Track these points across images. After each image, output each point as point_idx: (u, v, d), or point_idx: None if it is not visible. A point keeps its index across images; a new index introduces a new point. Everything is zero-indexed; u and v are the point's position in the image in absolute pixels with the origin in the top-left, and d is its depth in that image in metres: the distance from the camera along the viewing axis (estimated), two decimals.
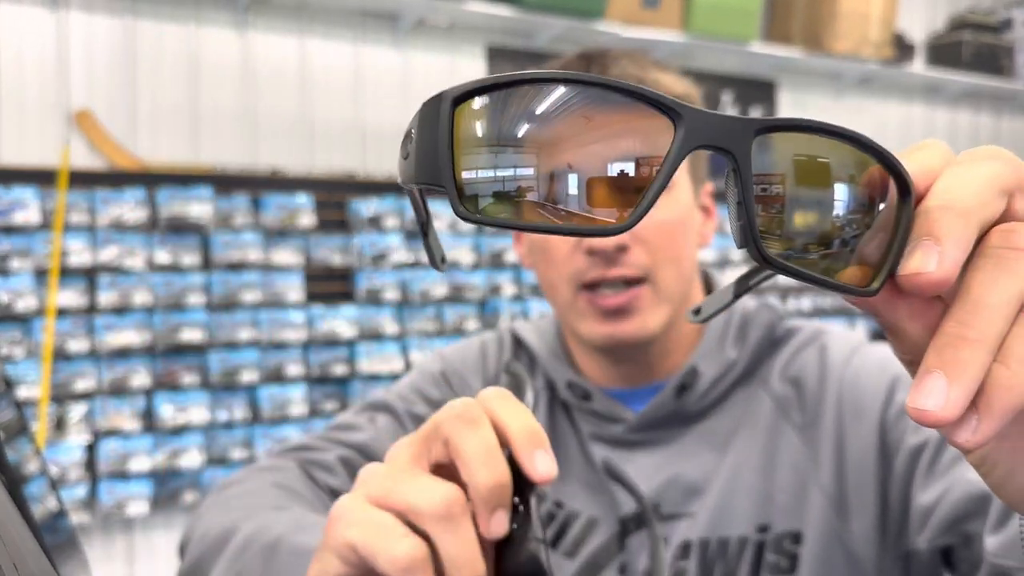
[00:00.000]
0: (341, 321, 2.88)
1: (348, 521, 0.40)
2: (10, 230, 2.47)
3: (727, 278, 0.85)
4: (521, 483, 0.42)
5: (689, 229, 0.77)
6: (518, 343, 0.91)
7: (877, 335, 4.26)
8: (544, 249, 0.76)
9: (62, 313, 2.53)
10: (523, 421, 0.41)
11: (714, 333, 0.80)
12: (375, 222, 2.94)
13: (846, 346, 0.79)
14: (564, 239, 0.73)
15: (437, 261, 0.41)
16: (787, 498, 0.75)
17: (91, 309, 2.57)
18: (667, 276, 0.74)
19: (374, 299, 2.94)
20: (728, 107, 3.84)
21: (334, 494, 0.79)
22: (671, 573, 0.75)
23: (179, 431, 2.65)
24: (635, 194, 0.31)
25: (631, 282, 0.73)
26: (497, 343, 0.92)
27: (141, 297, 2.59)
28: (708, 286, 0.86)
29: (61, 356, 2.52)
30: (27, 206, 2.46)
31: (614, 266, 0.72)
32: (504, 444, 0.41)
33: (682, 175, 0.76)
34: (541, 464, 0.41)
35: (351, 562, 0.40)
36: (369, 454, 0.83)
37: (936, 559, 0.68)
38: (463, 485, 0.40)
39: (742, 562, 0.74)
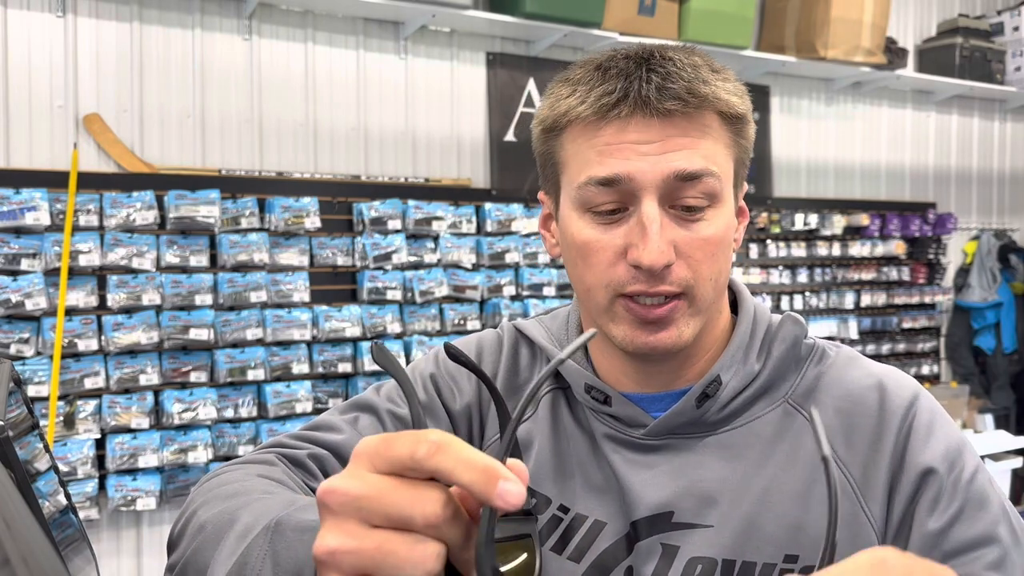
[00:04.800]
0: (345, 320, 2.93)
1: None
2: (20, 231, 2.52)
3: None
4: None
5: (730, 242, 0.75)
6: (520, 339, 0.90)
7: (866, 333, 4.32)
8: (584, 253, 0.74)
9: (71, 312, 2.58)
10: (471, 471, 0.39)
11: (739, 343, 0.79)
12: (378, 224, 3.00)
13: (906, 392, 0.77)
14: (607, 247, 0.72)
15: None
16: (822, 532, 0.72)
17: (100, 308, 2.63)
18: (704, 291, 0.73)
19: (377, 299, 3.00)
20: None
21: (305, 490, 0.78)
22: None
23: (187, 428, 2.70)
24: None
25: (670, 296, 0.72)
26: (496, 343, 0.90)
27: (149, 297, 2.64)
28: (731, 292, 0.85)
29: (71, 355, 2.57)
30: (37, 208, 2.50)
31: (657, 282, 0.71)
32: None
33: (726, 186, 0.74)
34: (509, 495, 0.39)
35: None
36: (342, 455, 0.81)
37: None
38: None
39: None
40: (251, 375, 2.77)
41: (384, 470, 0.41)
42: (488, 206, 3.24)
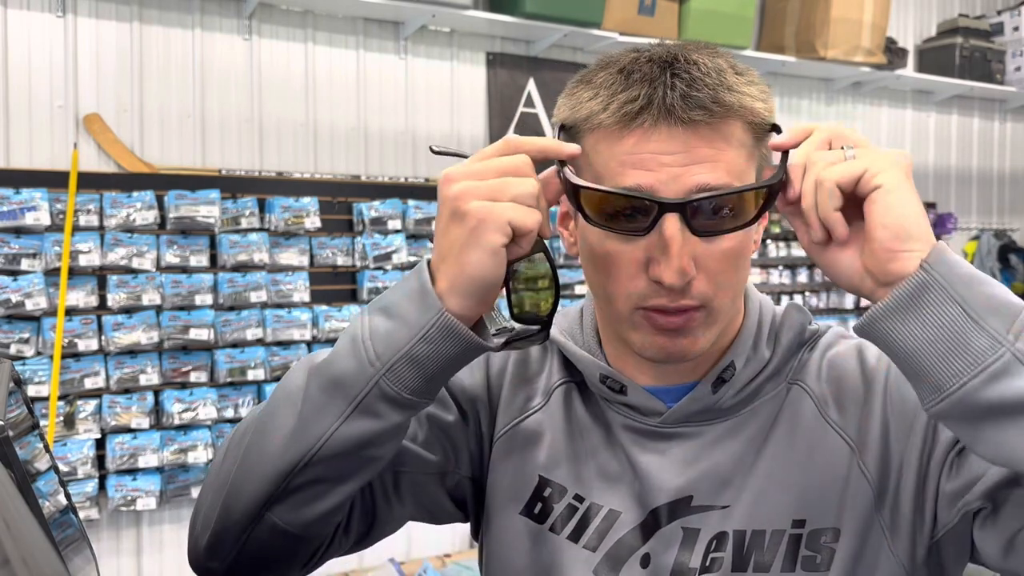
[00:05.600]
0: (345, 320, 2.93)
1: (502, 212, 0.65)
2: (20, 231, 2.53)
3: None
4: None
5: (749, 251, 0.76)
6: None
7: None
8: (605, 264, 0.74)
9: (72, 312, 2.59)
10: (544, 141, 0.69)
11: (749, 333, 0.81)
12: (378, 224, 3.00)
13: (883, 353, 0.80)
14: (629, 259, 0.72)
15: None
16: (825, 494, 0.75)
17: (100, 308, 2.63)
18: (723, 302, 0.74)
19: None
20: None
21: None
22: (704, 563, 0.76)
23: (187, 428, 2.70)
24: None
25: (688, 308, 0.73)
26: None
27: (149, 297, 2.64)
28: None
29: (71, 355, 2.57)
30: (37, 208, 2.50)
31: (678, 297, 0.71)
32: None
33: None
34: (570, 147, 0.70)
35: (507, 233, 0.65)
36: None
37: (964, 531, 0.71)
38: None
39: (777, 556, 0.74)
40: (251, 375, 2.77)
41: (484, 157, 0.67)
42: None
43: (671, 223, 0.69)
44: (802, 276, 4.11)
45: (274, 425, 0.72)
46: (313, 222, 2.88)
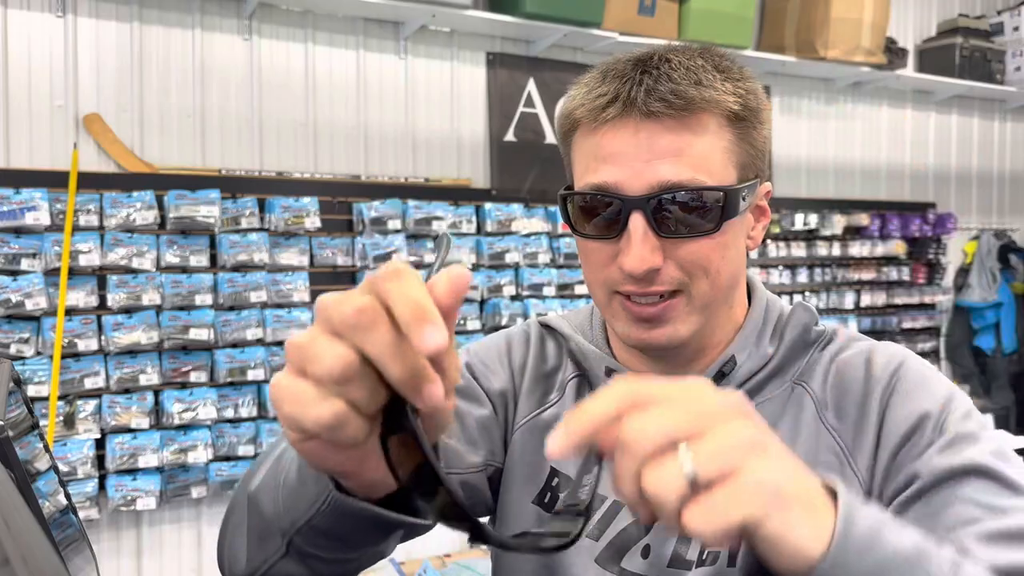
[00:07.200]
0: None
1: (280, 399, 0.45)
2: (20, 231, 2.53)
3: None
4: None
5: (727, 242, 0.75)
6: (547, 333, 0.93)
7: (865, 333, 4.32)
8: (584, 252, 0.78)
9: (71, 312, 2.58)
10: (408, 299, 0.42)
11: (752, 328, 0.82)
12: (378, 224, 3.00)
13: (892, 361, 0.79)
14: (600, 248, 0.75)
15: None
16: None
17: (100, 308, 2.63)
18: (701, 287, 0.74)
19: None
20: None
21: None
22: (701, 556, 0.77)
23: (187, 428, 2.70)
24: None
25: (664, 294, 0.74)
26: (523, 335, 0.94)
27: (149, 297, 2.64)
28: (748, 288, 0.86)
29: (71, 355, 2.57)
30: (37, 208, 2.50)
31: (646, 284, 0.73)
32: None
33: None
34: (429, 339, 0.41)
35: (297, 431, 0.46)
36: None
37: None
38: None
39: None
40: (251, 375, 2.77)
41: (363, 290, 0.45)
42: (488, 206, 3.24)
43: (634, 217, 0.72)
44: (802, 276, 4.11)
45: (235, 538, 0.69)
46: (313, 222, 2.87)
